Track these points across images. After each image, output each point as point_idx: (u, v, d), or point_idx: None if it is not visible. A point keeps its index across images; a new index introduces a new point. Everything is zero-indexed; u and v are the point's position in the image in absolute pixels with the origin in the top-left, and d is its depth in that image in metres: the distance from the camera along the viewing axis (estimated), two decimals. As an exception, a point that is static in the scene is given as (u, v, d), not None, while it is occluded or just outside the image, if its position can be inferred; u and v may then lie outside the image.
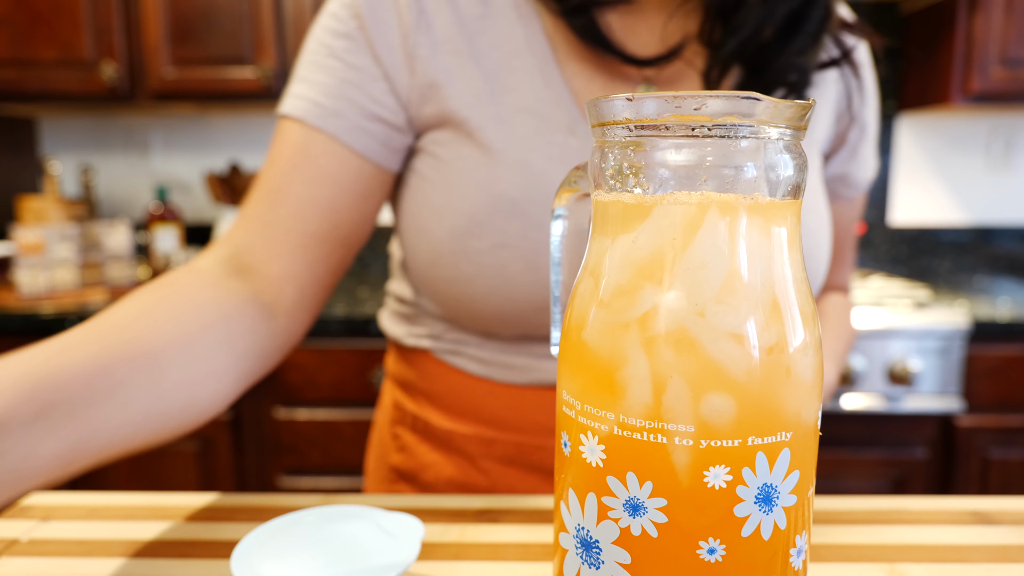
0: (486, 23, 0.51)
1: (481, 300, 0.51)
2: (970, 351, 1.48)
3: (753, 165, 0.25)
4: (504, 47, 0.51)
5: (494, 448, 0.55)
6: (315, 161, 0.50)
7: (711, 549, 0.26)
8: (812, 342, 0.27)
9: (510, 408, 0.54)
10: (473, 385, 0.56)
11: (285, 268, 0.50)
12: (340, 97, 0.51)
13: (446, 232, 0.51)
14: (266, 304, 0.49)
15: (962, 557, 0.42)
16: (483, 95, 0.50)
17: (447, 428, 0.57)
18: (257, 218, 0.51)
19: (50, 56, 1.73)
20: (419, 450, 0.59)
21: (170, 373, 0.41)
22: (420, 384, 0.59)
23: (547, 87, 0.50)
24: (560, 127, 0.50)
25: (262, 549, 0.37)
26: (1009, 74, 1.66)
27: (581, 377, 0.28)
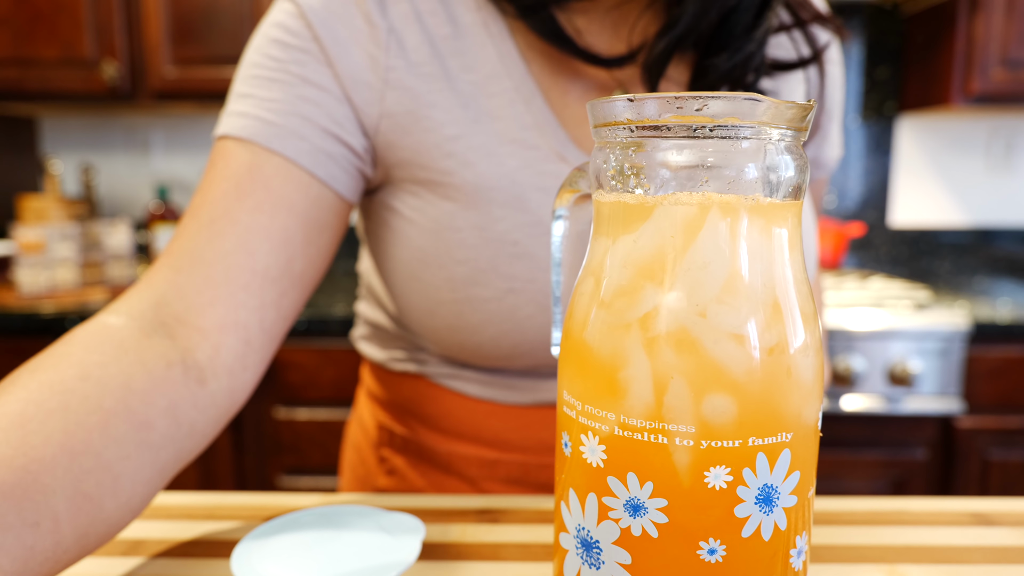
0: (457, 44, 0.46)
1: (490, 345, 0.48)
2: (970, 352, 1.48)
3: (754, 166, 0.26)
4: (480, 70, 0.46)
5: (497, 469, 0.53)
6: (266, 186, 0.42)
7: (711, 550, 0.26)
8: (813, 343, 0.27)
9: (514, 429, 0.52)
10: (472, 407, 0.52)
11: (225, 316, 0.41)
12: (295, 115, 0.44)
13: (444, 282, 0.46)
14: (198, 367, 0.39)
15: (962, 558, 0.42)
16: (465, 125, 0.46)
17: (445, 450, 0.53)
18: (189, 255, 0.41)
19: (51, 55, 1.73)
20: (410, 475, 0.55)
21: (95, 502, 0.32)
22: (410, 407, 0.55)
23: (529, 113, 0.46)
24: (550, 155, 0.46)
25: (262, 549, 0.37)
26: (1009, 75, 1.66)
27: (582, 377, 0.28)
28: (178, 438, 0.37)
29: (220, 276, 0.41)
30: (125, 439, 0.34)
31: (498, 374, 0.51)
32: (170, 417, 0.37)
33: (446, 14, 0.46)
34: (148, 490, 0.36)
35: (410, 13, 0.45)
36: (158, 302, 0.40)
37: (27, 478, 0.29)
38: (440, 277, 0.46)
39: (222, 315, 0.41)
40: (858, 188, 2.05)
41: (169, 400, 0.37)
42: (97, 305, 1.60)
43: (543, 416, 0.51)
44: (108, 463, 0.33)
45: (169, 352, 0.38)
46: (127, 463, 0.34)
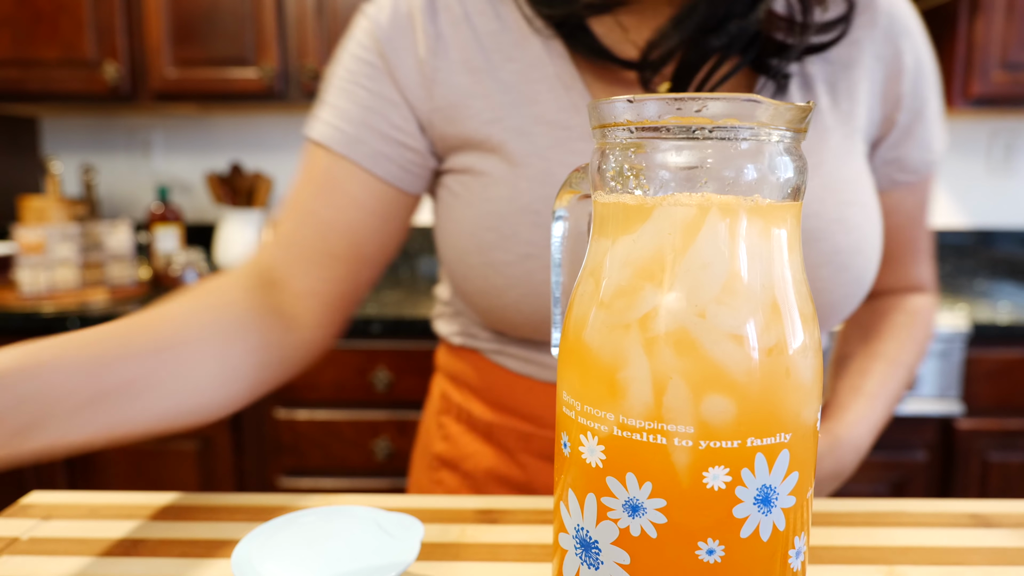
0: (502, 38, 0.52)
1: (512, 309, 0.52)
2: (970, 354, 1.48)
3: (753, 167, 0.26)
4: (522, 60, 0.52)
5: (532, 443, 0.57)
6: (339, 186, 0.53)
7: (710, 550, 0.26)
8: (811, 344, 0.27)
9: (547, 405, 0.56)
10: (514, 382, 0.57)
11: (308, 285, 0.53)
12: (361, 124, 0.53)
13: (474, 246, 0.52)
14: (288, 316, 0.52)
15: (961, 560, 0.42)
16: (504, 109, 0.51)
17: (489, 420, 0.59)
18: (285, 236, 0.54)
19: (52, 56, 1.74)
20: (462, 439, 0.61)
21: (193, 374, 0.45)
22: (466, 377, 0.61)
23: (568, 96, 0.51)
24: (583, 135, 0.51)
25: (262, 549, 0.37)
26: (1010, 78, 1.66)
27: (581, 378, 0.28)
28: (269, 365, 0.49)
29: (304, 255, 0.53)
30: (240, 353, 0.47)
31: (534, 350, 0.56)
32: (270, 348, 0.49)
33: (493, 12, 0.52)
34: (247, 394, 0.48)
35: (460, 16, 0.52)
36: (265, 267, 0.53)
37: (175, 357, 0.43)
38: (471, 242, 0.52)
39: (306, 284, 0.53)
40: (858, 190, 2.05)
41: (270, 334, 0.49)
42: (98, 306, 1.60)
43: None
44: (230, 365, 0.46)
45: (270, 303, 0.51)
46: (238, 368, 0.47)
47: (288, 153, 2.09)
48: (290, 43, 1.74)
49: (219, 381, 0.46)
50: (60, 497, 0.49)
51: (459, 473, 0.61)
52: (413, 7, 0.53)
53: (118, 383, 0.41)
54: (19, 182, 2.06)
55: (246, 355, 0.48)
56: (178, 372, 0.44)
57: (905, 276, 0.65)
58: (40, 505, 0.48)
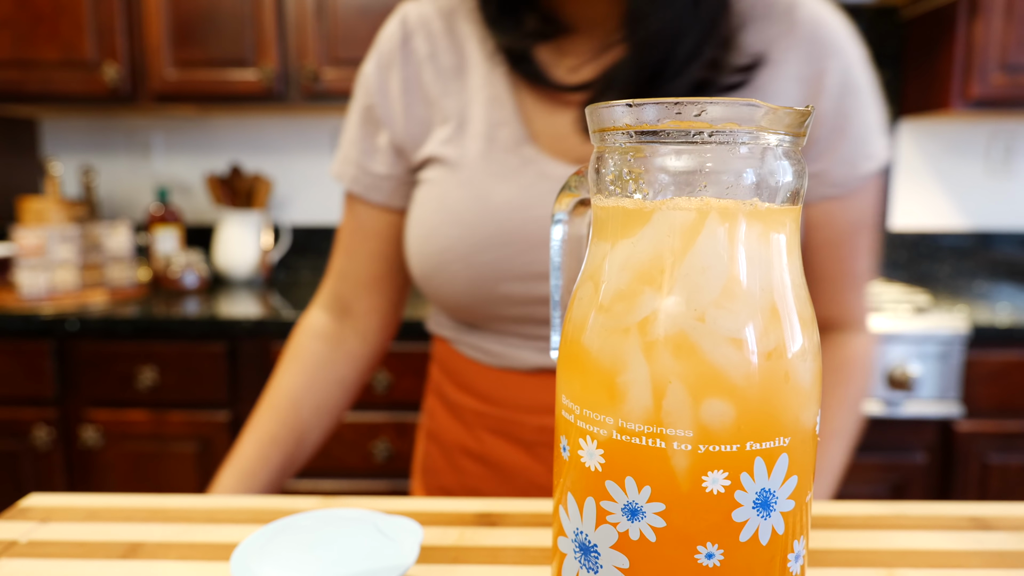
0: (460, 70, 0.62)
1: (436, 291, 0.63)
2: (970, 356, 1.48)
3: (752, 171, 0.26)
4: (470, 86, 0.61)
5: (485, 420, 0.65)
6: (363, 223, 0.67)
7: (709, 554, 0.26)
8: (810, 347, 0.27)
9: (495, 387, 0.64)
10: (468, 366, 0.66)
11: (369, 304, 0.70)
12: (358, 165, 0.66)
13: (412, 240, 0.63)
14: (362, 332, 0.70)
15: (960, 563, 0.42)
16: (453, 132, 0.61)
17: (455, 399, 0.68)
18: (341, 270, 0.70)
19: (52, 57, 1.74)
20: (439, 415, 0.71)
21: (323, 423, 0.69)
22: (440, 360, 0.71)
23: (499, 113, 0.60)
24: (507, 144, 0.59)
25: (261, 552, 0.37)
26: (1009, 80, 1.66)
27: (580, 381, 0.28)
28: (358, 383, 0.72)
29: (359, 284, 0.69)
30: (340, 395, 0.70)
31: (479, 338, 0.65)
32: (356, 370, 0.71)
33: (455, 48, 0.63)
34: (339, 413, 0.71)
35: (427, 55, 0.63)
36: (335, 298, 0.70)
37: (306, 428, 0.68)
38: (411, 235, 0.63)
39: (367, 303, 0.70)
40: (858, 192, 2.05)
41: (355, 361, 0.70)
42: (97, 307, 1.60)
43: (514, 379, 0.63)
44: (337, 407, 0.70)
45: (348, 328, 0.70)
46: (341, 403, 0.71)
47: (288, 154, 2.09)
48: (290, 45, 1.74)
49: (338, 410, 0.71)
50: (59, 500, 0.49)
51: (437, 443, 0.71)
52: (394, 51, 0.63)
53: (293, 458, 0.67)
54: (19, 183, 2.06)
55: (340, 366, 0.69)
56: (316, 428, 0.69)
57: (836, 307, 0.62)
58: (39, 508, 0.48)
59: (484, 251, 0.57)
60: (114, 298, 1.69)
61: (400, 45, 0.63)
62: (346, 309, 0.70)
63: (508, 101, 0.59)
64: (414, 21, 0.63)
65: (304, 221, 2.11)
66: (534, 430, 0.62)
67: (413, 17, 0.63)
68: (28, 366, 1.54)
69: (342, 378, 0.69)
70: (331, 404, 0.69)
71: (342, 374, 0.69)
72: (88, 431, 1.56)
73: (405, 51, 0.63)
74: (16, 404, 1.57)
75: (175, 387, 1.55)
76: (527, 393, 0.62)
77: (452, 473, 0.68)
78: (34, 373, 1.55)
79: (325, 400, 0.68)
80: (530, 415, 0.62)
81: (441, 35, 0.63)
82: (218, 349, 1.54)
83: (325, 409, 0.68)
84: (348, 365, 0.69)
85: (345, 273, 0.69)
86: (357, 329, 0.70)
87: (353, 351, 0.70)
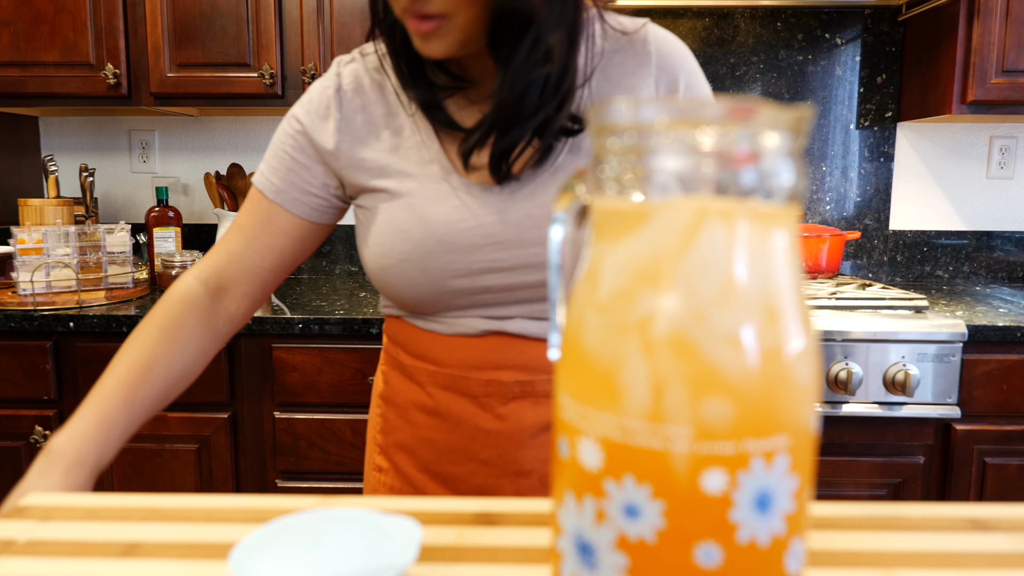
0: (388, 118, 0.74)
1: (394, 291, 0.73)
2: (968, 358, 1.49)
3: (751, 171, 0.26)
4: (400, 132, 0.73)
5: (436, 378, 0.75)
6: (274, 220, 0.76)
7: (708, 553, 0.26)
8: (809, 347, 0.27)
9: (444, 351, 0.75)
10: (420, 334, 0.76)
11: (245, 290, 0.77)
12: (286, 180, 0.76)
13: (369, 254, 0.74)
14: (231, 314, 0.77)
15: (959, 564, 0.42)
16: (388, 161, 0.72)
17: (410, 364, 0.78)
18: (231, 252, 0.77)
19: (52, 57, 1.74)
20: (393, 380, 0.81)
21: (186, 353, 0.73)
22: (394, 334, 0.80)
23: (428, 151, 0.71)
24: (437, 175, 0.71)
25: (260, 551, 0.37)
26: (1008, 83, 1.67)
27: (580, 381, 0.28)
28: (216, 346, 0.77)
29: (245, 270, 0.77)
30: (202, 352, 0.74)
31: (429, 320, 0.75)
32: (219, 338, 0.76)
33: (383, 100, 0.75)
34: (197, 361, 0.74)
35: (359, 105, 0.74)
36: (213, 273, 0.76)
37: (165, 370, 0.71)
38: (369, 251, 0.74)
39: (244, 290, 0.77)
40: (857, 194, 2.05)
41: (220, 330, 0.76)
42: (96, 307, 1.60)
43: (463, 343, 0.74)
44: (195, 361, 0.74)
45: (219, 307, 0.76)
46: (200, 360, 0.74)
47: (287, 155, 2.09)
48: (289, 46, 1.74)
49: (186, 383, 0.74)
50: (58, 499, 0.49)
51: (392, 405, 0.80)
52: (329, 100, 0.74)
53: (150, 394, 0.70)
54: (18, 183, 2.06)
55: (207, 340, 0.75)
56: (179, 352, 0.72)
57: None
58: (38, 507, 0.48)
59: (433, 258, 0.69)
60: (113, 298, 1.69)
61: (335, 93, 0.74)
62: (223, 289, 0.76)
63: (433, 142, 0.71)
64: (346, 77, 0.75)
65: (303, 221, 2.11)
66: (482, 384, 0.73)
67: (346, 73, 0.75)
68: (27, 366, 1.54)
69: (203, 351, 0.74)
70: (186, 374, 0.73)
71: (205, 347, 0.74)
72: (87, 431, 1.56)
73: (339, 98, 0.74)
74: (15, 403, 1.57)
75: (174, 387, 1.55)
76: (475, 353, 0.73)
77: (407, 428, 0.78)
78: (33, 373, 1.54)
79: (182, 370, 0.72)
80: (478, 372, 0.73)
81: (371, 89, 0.74)
82: (217, 349, 1.54)
83: (178, 378, 0.72)
84: (211, 341, 0.75)
85: (237, 257, 0.76)
86: (228, 309, 0.76)
87: (219, 329, 0.76)
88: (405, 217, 0.71)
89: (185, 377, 0.73)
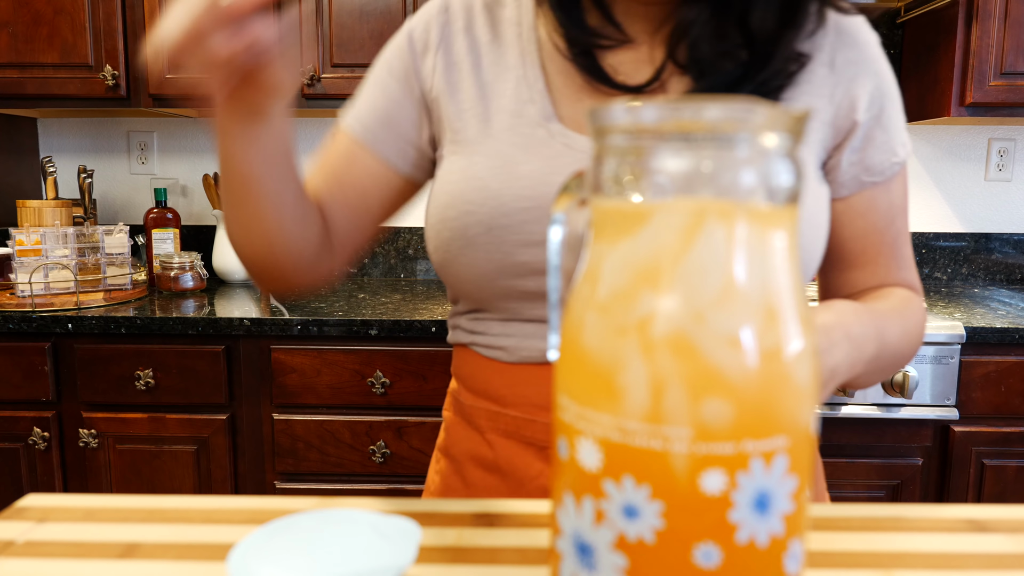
0: (492, 46, 0.65)
1: (455, 259, 0.62)
2: (966, 359, 1.49)
3: (750, 172, 0.26)
4: (501, 63, 0.64)
5: (498, 422, 0.64)
6: (360, 160, 0.66)
7: (707, 554, 0.26)
8: (808, 347, 0.27)
9: (509, 385, 0.63)
10: (484, 365, 0.65)
11: (331, 217, 0.67)
12: (384, 121, 0.66)
13: (433, 206, 0.63)
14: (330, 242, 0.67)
15: (958, 565, 0.42)
16: (477, 100, 0.63)
17: (469, 404, 0.67)
18: (319, 182, 0.67)
19: (51, 59, 1.74)
20: (453, 428, 0.69)
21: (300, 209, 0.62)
22: (459, 370, 0.69)
23: (528, 91, 0.62)
24: (533, 121, 0.61)
25: (259, 552, 0.37)
26: (1007, 85, 1.67)
27: (579, 381, 0.28)
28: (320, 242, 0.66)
29: (333, 201, 0.67)
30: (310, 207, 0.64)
31: (495, 331, 0.64)
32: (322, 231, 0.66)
33: (491, 26, 0.66)
34: (300, 225, 0.63)
35: (463, 26, 0.66)
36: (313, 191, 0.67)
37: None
38: (434, 205, 0.63)
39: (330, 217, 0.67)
40: (855, 195, 2.05)
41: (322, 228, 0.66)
42: (95, 309, 1.59)
43: (526, 374, 0.62)
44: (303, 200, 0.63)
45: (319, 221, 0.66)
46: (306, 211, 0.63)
47: (286, 156, 2.09)
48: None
49: (302, 222, 0.63)
50: (56, 500, 0.49)
51: (449, 457, 0.69)
52: (432, 17, 0.66)
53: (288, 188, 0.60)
54: (16, 184, 2.06)
55: (318, 227, 0.65)
56: (297, 203, 0.61)
57: (888, 276, 0.67)
58: (36, 508, 0.48)
59: (506, 215, 0.58)
60: (112, 299, 1.69)
61: (440, 11, 0.66)
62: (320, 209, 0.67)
63: (538, 82, 0.62)
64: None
65: (302, 223, 2.11)
66: (547, 429, 0.61)
67: None
68: (25, 367, 1.54)
69: (313, 234, 0.64)
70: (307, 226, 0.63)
71: (315, 234, 0.65)
72: (85, 432, 1.56)
73: (443, 18, 0.66)
74: (13, 405, 1.57)
75: (172, 388, 1.55)
76: (542, 388, 0.62)
77: (462, 487, 0.66)
78: (31, 374, 1.54)
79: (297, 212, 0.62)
80: (546, 413, 0.61)
81: (480, 13, 0.66)
82: (216, 350, 1.54)
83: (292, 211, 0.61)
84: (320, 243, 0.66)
85: (319, 189, 0.67)
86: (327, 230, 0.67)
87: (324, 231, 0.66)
88: (485, 164, 0.60)
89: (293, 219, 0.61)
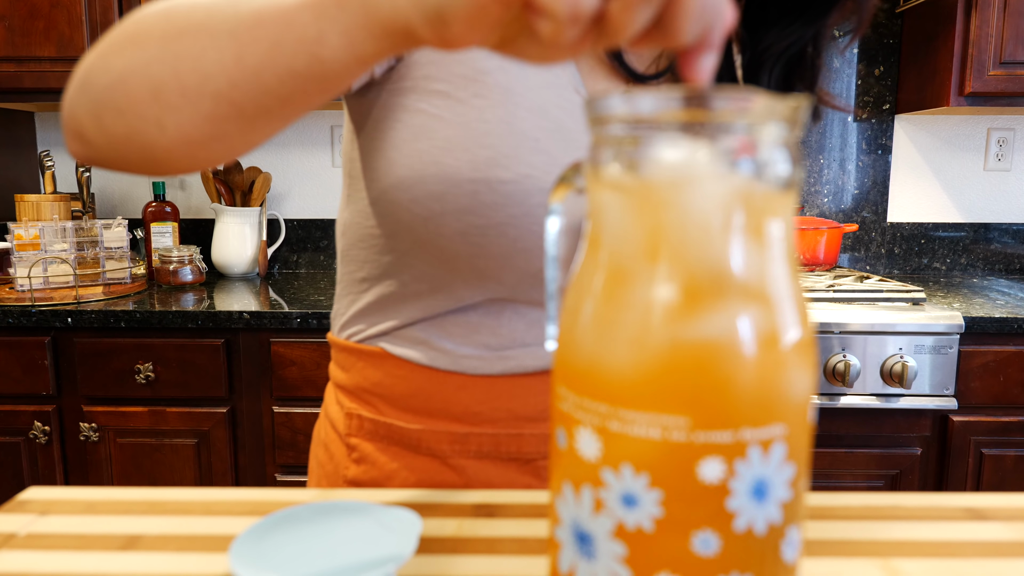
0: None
1: (494, 232, 0.50)
2: (965, 349, 1.49)
3: (748, 160, 0.26)
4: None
5: (468, 443, 0.55)
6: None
7: (705, 542, 0.26)
8: (806, 335, 0.27)
9: (483, 401, 0.54)
10: (442, 381, 0.54)
11: None
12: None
13: (466, 164, 0.50)
14: None
15: (956, 553, 0.42)
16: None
17: (416, 429, 0.55)
18: None
19: (48, 52, 1.73)
20: (380, 459, 0.57)
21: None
22: (378, 389, 0.57)
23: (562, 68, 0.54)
24: (567, 86, 0.52)
25: (260, 544, 0.37)
26: (1006, 75, 1.67)
27: (576, 371, 0.28)
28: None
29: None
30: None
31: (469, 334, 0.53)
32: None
33: None
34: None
35: None
36: None
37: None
38: (463, 160, 0.50)
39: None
40: (855, 186, 2.05)
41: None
42: (94, 303, 1.59)
43: (511, 386, 0.53)
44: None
45: None
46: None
47: (285, 149, 2.09)
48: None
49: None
50: (57, 493, 0.49)
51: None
52: None
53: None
54: (14, 179, 2.06)
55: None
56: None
57: None
58: (37, 501, 0.48)
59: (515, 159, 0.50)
60: (111, 293, 1.69)
61: None
62: None
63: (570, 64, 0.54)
64: None
65: (301, 215, 2.11)
66: (537, 441, 0.53)
67: None
68: (25, 361, 1.54)
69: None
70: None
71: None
72: (86, 426, 1.56)
73: None
74: (13, 399, 1.57)
75: (172, 382, 1.55)
76: (529, 398, 0.53)
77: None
78: (31, 368, 1.54)
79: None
80: (533, 425, 0.53)
81: None
82: (215, 344, 1.54)
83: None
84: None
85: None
86: None
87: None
88: (537, 123, 0.51)
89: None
